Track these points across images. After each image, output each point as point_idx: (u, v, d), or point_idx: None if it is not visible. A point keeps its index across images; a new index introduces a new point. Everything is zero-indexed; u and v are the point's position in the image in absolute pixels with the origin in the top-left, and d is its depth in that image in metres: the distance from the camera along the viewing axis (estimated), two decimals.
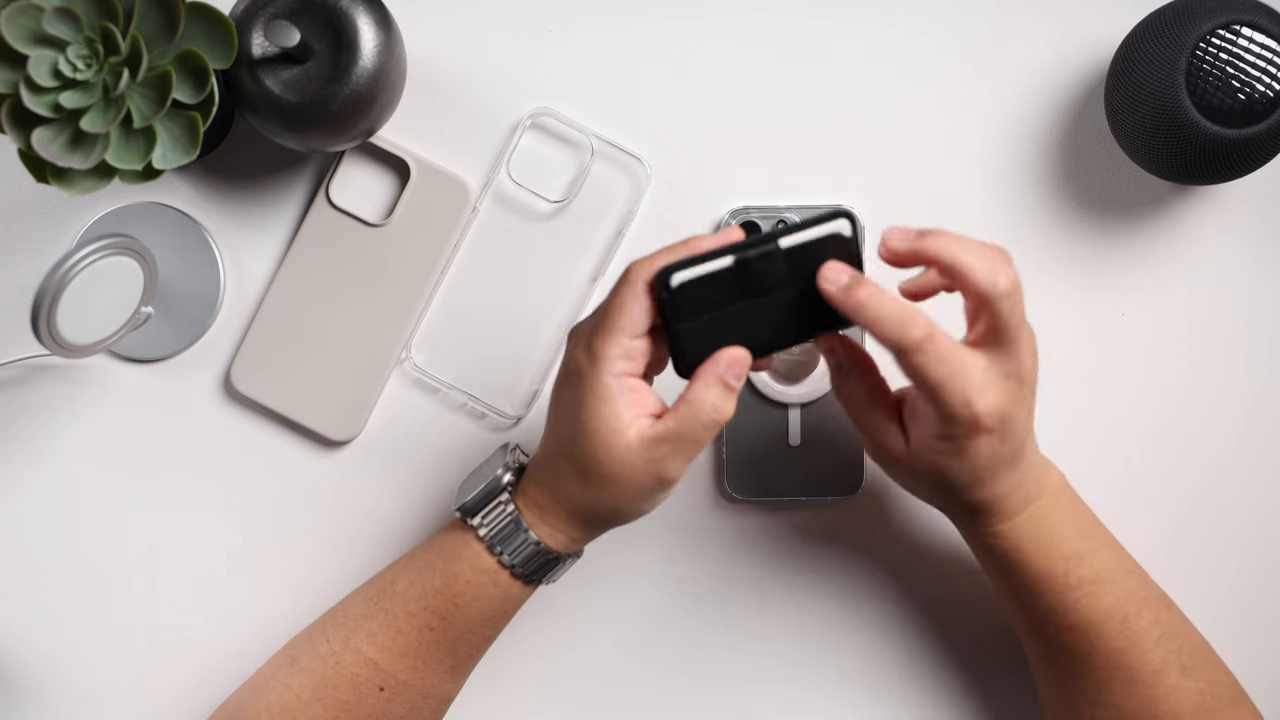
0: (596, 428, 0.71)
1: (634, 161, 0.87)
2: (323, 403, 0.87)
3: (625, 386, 0.71)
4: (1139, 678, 0.75)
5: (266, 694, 0.78)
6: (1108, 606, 0.75)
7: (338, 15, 0.79)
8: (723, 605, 0.88)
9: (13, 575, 0.88)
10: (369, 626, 0.77)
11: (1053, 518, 0.75)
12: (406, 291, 0.87)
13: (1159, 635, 0.75)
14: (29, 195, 0.87)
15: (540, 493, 0.75)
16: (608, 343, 0.70)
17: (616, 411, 0.70)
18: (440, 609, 0.76)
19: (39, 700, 0.88)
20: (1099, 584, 0.75)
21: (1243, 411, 0.87)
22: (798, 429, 0.86)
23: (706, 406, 0.70)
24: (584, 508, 0.74)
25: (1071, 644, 0.75)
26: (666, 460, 0.71)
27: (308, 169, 0.88)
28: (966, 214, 0.87)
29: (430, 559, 0.77)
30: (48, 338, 0.77)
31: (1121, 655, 0.75)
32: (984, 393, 0.69)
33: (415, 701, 0.78)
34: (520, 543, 0.75)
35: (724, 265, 0.70)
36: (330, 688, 0.77)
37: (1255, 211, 0.87)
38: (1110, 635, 0.75)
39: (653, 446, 0.70)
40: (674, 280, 0.69)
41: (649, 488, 0.72)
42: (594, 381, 0.70)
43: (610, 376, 0.70)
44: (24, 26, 0.71)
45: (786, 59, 0.87)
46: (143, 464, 0.88)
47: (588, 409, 0.71)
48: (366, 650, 0.77)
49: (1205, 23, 0.78)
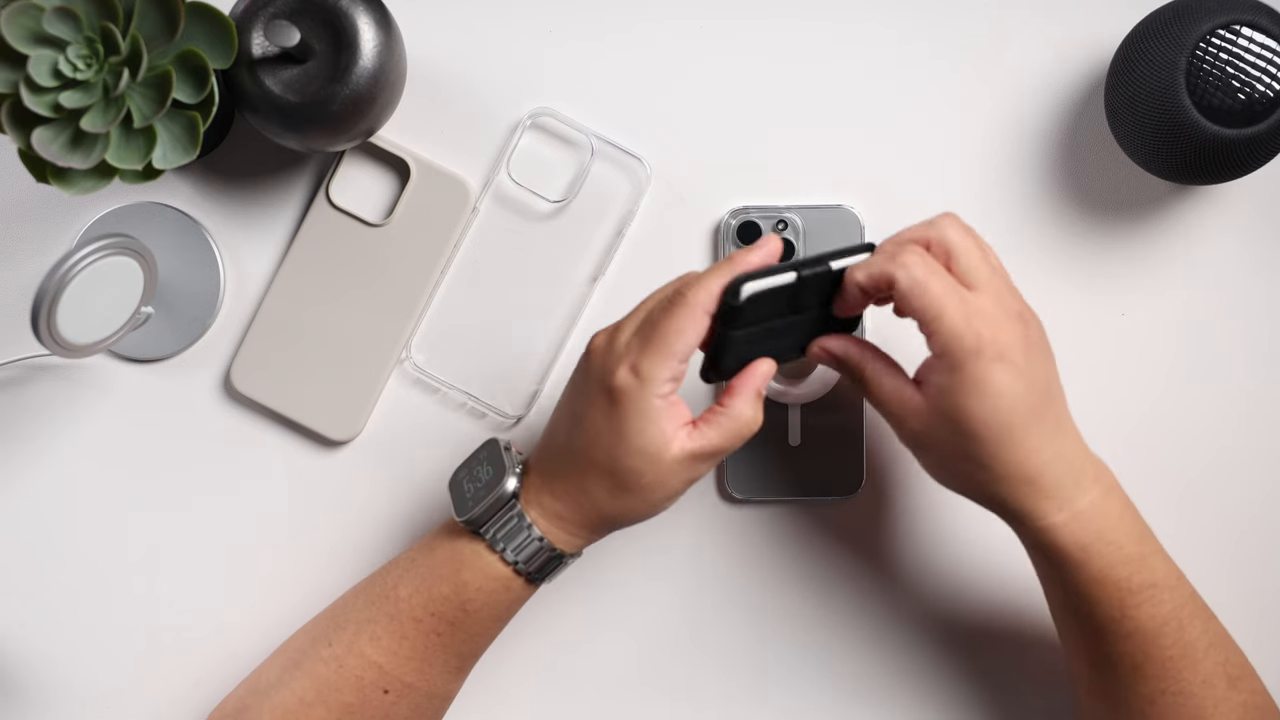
0: (643, 446, 0.71)
1: (634, 161, 0.87)
2: (323, 403, 0.87)
3: (669, 405, 0.72)
4: (1189, 688, 0.74)
5: (269, 696, 0.78)
6: (1165, 614, 0.73)
7: (338, 15, 0.79)
8: (722, 605, 0.88)
9: (13, 575, 0.88)
10: (372, 630, 0.77)
11: (1111, 515, 0.73)
12: (406, 291, 0.87)
13: (1208, 645, 0.75)
14: (29, 195, 0.87)
15: (556, 501, 0.75)
16: (659, 365, 0.71)
17: (662, 429, 0.71)
18: (449, 615, 0.76)
19: (39, 700, 0.88)
20: (1157, 590, 0.73)
21: (1242, 411, 0.87)
22: (798, 429, 0.86)
23: (746, 419, 0.73)
24: (611, 516, 0.75)
25: (1128, 653, 0.74)
26: (699, 465, 0.73)
27: (308, 169, 0.88)
28: (967, 214, 0.87)
29: (436, 566, 0.77)
30: (48, 338, 0.77)
31: (1174, 664, 0.74)
32: (983, 317, 0.70)
33: (420, 702, 0.78)
34: (535, 551, 0.75)
35: (788, 280, 0.71)
36: (334, 690, 0.77)
37: (1255, 211, 0.87)
38: (1166, 644, 0.73)
39: (696, 460, 0.72)
40: (745, 291, 0.70)
41: (678, 491, 0.74)
42: (642, 404, 0.71)
43: (658, 398, 0.71)
44: (24, 26, 0.71)
45: (786, 59, 0.87)
46: (143, 464, 0.88)
47: (634, 428, 0.71)
48: (371, 654, 0.77)
49: (1205, 23, 0.78)
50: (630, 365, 0.71)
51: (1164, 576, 0.74)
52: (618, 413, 0.72)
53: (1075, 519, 0.72)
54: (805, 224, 0.86)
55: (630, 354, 0.72)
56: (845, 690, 0.88)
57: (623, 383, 0.71)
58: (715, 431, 0.72)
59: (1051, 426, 0.72)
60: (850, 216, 0.86)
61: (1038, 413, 0.71)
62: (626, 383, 0.71)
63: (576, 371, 0.76)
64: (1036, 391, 0.71)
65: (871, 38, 0.87)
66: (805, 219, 0.86)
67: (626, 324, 0.74)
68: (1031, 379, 0.71)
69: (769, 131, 0.87)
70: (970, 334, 0.70)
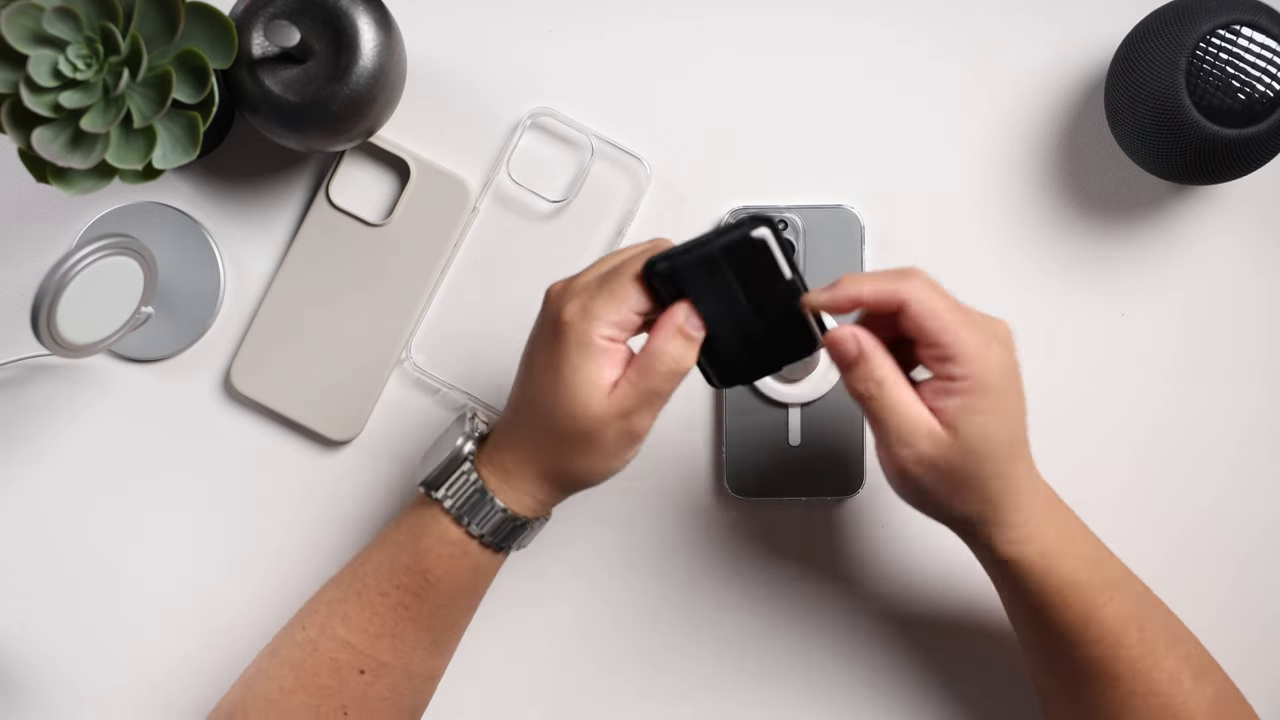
0: (577, 383, 0.71)
1: (634, 161, 0.87)
2: (323, 403, 0.87)
3: (611, 348, 0.71)
4: (1157, 688, 0.74)
5: (253, 688, 0.79)
6: (1126, 613, 0.74)
7: (338, 15, 0.79)
8: (722, 604, 0.88)
9: (13, 575, 0.88)
10: (343, 610, 0.77)
11: (1059, 519, 0.74)
12: (406, 291, 0.87)
13: (1169, 641, 0.75)
14: (29, 195, 0.87)
15: (507, 457, 0.75)
16: (608, 306, 0.70)
17: (599, 367, 0.71)
18: (412, 585, 0.76)
19: (39, 700, 0.88)
20: (1117, 589, 0.74)
21: (1242, 411, 0.87)
22: (798, 429, 0.87)
23: (666, 357, 0.71)
24: (554, 468, 0.74)
25: (1095, 657, 0.74)
26: (633, 414, 0.71)
27: (308, 169, 0.88)
28: (966, 214, 0.87)
29: (398, 537, 0.77)
30: (48, 338, 0.77)
31: (1140, 664, 0.74)
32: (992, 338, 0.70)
33: (398, 681, 0.78)
34: (487, 511, 0.75)
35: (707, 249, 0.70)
36: (311, 674, 0.77)
37: (1255, 211, 0.87)
38: (1130, 644, 0.74)
39: (620, 401, 0.71)
40: (659, 265, 0.70)
41: (618, 443, 0.72)
42: (584, 339, 0.70)
43: (600, 337, 0.71)
44: (24, 26, 0.71)
45: (786, 59, 0.87)
46: (143, 464, 0.88)
47: (571, 363, 0.71)
48: (342, 634, 0.77)
49: (1205, 23, 0.78)
50: (581, 303, 0.71)
51: (1119, 575, 0.75)
52: (559, 346, 0.71)
53: (1037, 526, 0.73)
54: (805, 224, 0.86)
55: (584, 294, 0.72)
56: (845, 690, 0.88)
57: (569, 316, 0.71)
58: (634, 370, 0.71)
59: (1023, 452, 0.73)
60: (850, 216, 0.86)
61: (1025, 431, 0.72)
62: (572, 316, 0.71)
63: (535, 323, 0.76)
64: (1024, 410, 0.72)
65: (872, 37, 0.87)
66: (805, 219, 0.86)
67: (586, 272, 0.74)
68: (1023, 398, 0.72)
69: (769, 131, 0.87)
70: (991, 355, 0.69)
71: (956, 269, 0.78)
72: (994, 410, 0.70)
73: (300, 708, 0.77)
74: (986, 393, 0.69)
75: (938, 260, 0.73)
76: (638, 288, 0.71)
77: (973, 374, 0.69)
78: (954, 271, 0.77)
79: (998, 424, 0.70)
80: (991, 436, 0.70)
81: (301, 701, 0.77)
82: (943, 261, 0.75)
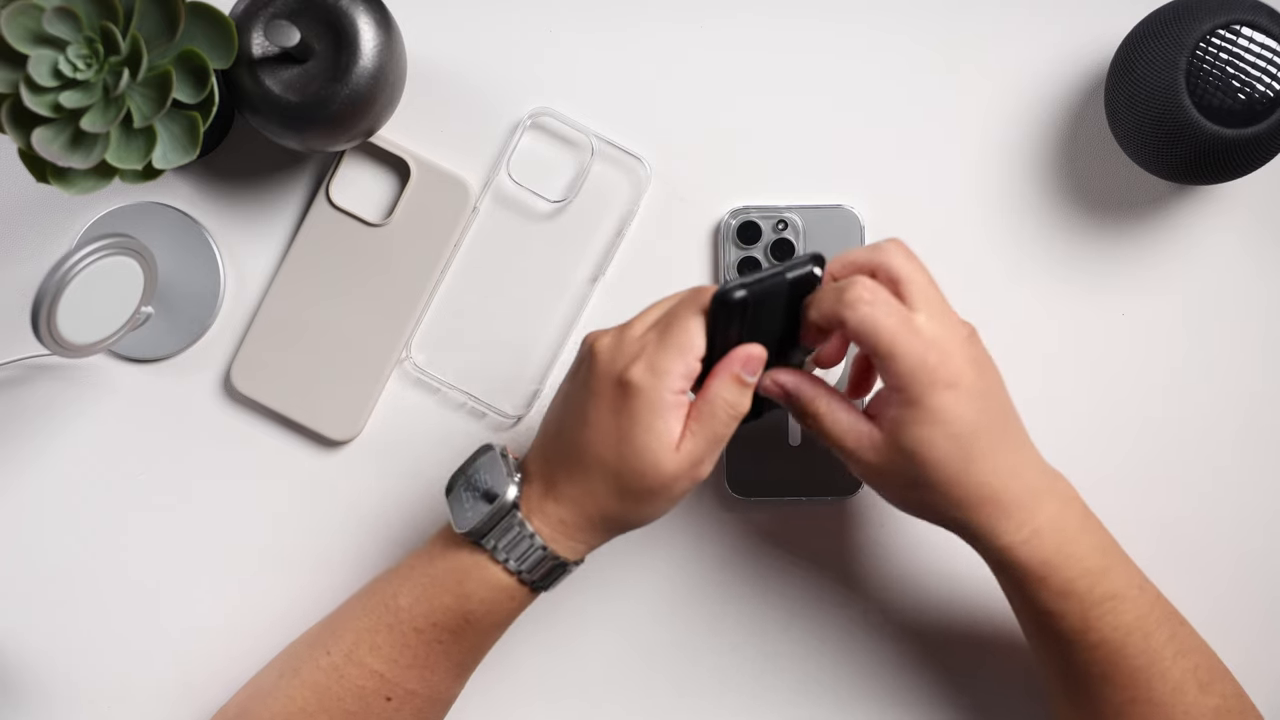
0: (649, 443, 0.71)
1: (634, 161, 0.87)
2: (323, 403, 0.87)
3: (680, 402, 0.71)
4: (1158, 696, 0.74)
5: (269, 704, 0.78)
6: (1129, 623, 0.74)
7: (338, 15, 0.79)
8: (722, 605, 0.88)
9: (13, 575, 0.88)
10: (372, 640, 0.77)
11: (1070, 528, 0.74)
12: (406, 291, 0.87)
13: (1175, 651, 0.75)
14: (29, 195, 0.87)
15: (565, 511, 0.74)
16: (675, 359, 0.71)
17: (671, 426, 0.71)
18: (451, 625, 0.76)
19: (39, 700, 0.88)
20: (1120, 600, 0.74)
21: (1243, 411, 0.87)
22: (798, 429, 0.86)
23: (721, 403, 0.72)
24: (616, 518, 0.74)
25: (1095, 664, 0.74)
26: (699, 465, 0.72)
27: (308, 169, 0.88)
28: (966, 214, 0.87)
29: (438, 577, 0.76)
30: (48, 338, 0.77)
31: (1142, 673, 0.74)
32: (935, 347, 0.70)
33: (422, 707, 0.78)
34: (539, 560, 0.75)
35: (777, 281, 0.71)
36: (335, 699, 0.77)
37: (1255, 211, 0.87)
38: (1132, 653, 0.74)
39: (689, 454, 0.72)
40: (736, 294, 0.71)
41: (685, 492, 0.73)
42: (655, 398, 0.71)
43: (670, 394, 0.71)
44: (24, 26, 0.71)
45: (787, 59, 0.87)
46: (143, 464, 0.88)
47: (643, 423, 0.71)
48: (371, 663, 0.77)
49: (1205, 23, 0.78)
50: (646, 361, 0.71)
51: (1125, 586, 0.74)
52: (629, 407, 0.71)
53: (1035, 535, 0.73)
54: (805, 224, 0.86)
55: (646, 350, 0.71)
56: (845, 690, 0.88)
57: (637, 377, 0.71)
58: (694, 419, 0.72)
59: (1009, 444, 0.73)
60: (850, 216, 0.86)
61: (994, 433, 0.72)
62: (641, 377, 0.71)
63: (576, 373, 0.75)
64: (991, 411, 0.72)
65: (872, 37, 0.87)
66: (805, 219, 0.86)
67: (635, 323, 0.74)
68: (986, 400, 0.71)
69: (769, 131, 0.87)
70: (924, 367, 0.70)
71: (956, 269, 0.78)
72: (935, 420, 0.70)
73: None
74: (920, 403, 0.70)
75: (938, 260, 0.73)
76: (700, 333, 0.71)
77: (905, 385, 0.70)
78: (954, 271, 0.77)
79: (944, 432, 0.70)
80: (935, 444, 0.70)
81: None
82: (943, 261, 0.75)
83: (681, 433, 0.72)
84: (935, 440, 0.70)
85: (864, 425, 0.73)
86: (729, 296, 0.70)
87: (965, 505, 0.72)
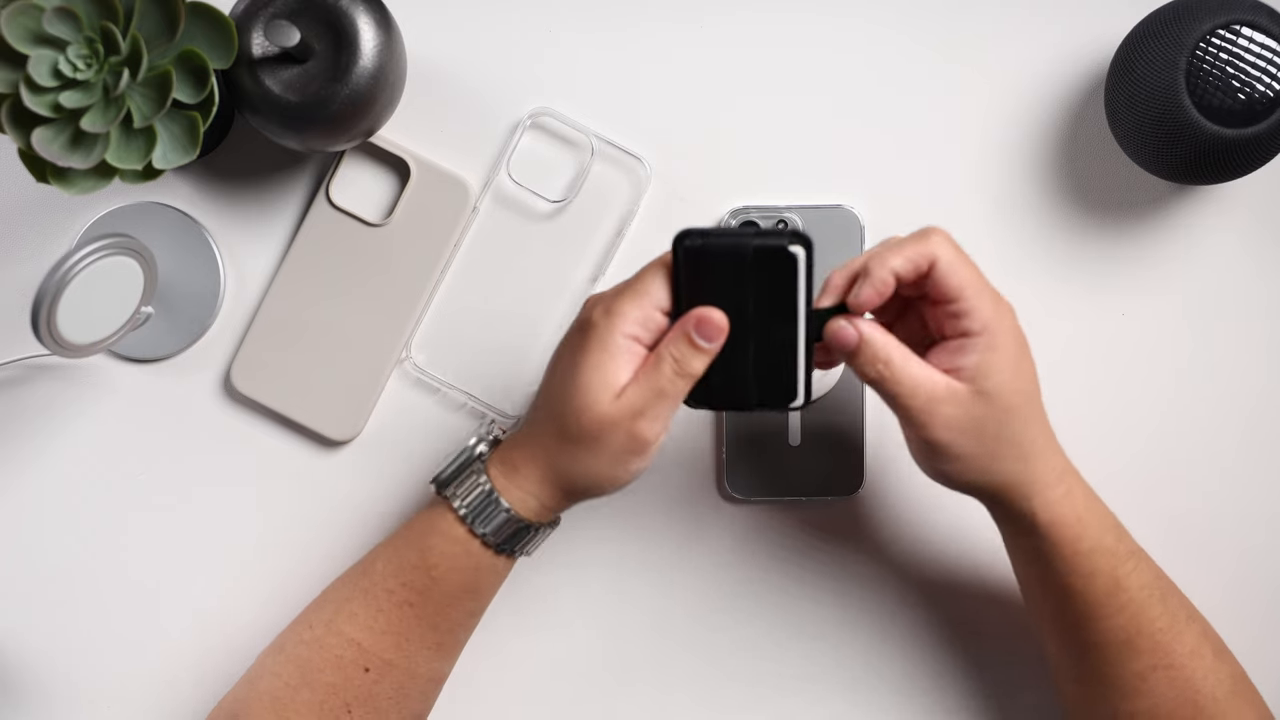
0: (591, 380, 0.71)
1: (634, 161, 0.87)
2: (323, 403, 0.87)
3: (632, 348, 0.71)
4: (1178, 660, 0.74)
5: (258, 685, 0.79)
6: (1149, 582, 0.74)
7: (338, 15, 0.79)
8: (722, 605, 0.88)
9: (13, 575, 0.88)
10: (350, 608, 0.78)
11: (1082, 483, 0.75)
12: (406, 291, 0.87)
13: (1187, 616, 0.75)
14: (29, 195, 0.87)
15: (515, 454, 0.75)
16: (630, 303, 0.71)
17: (616, 366, 0.71)
18: (417, 584, 0.76)
19: (39, 700, 0.88)
20: (1139, 557, 0.75)
21: (1243, 411, 0.87)
22: (798, 429, 0.87)
23: (668, 357, 0.71)
24: (559, 470, 0.74)
25: (1120, 627, 0.74)
26: (639, 418, 0.71)
27: (308, 169, 0.88)
28: (966, 214, 0.87)
29: (408, 536, 0.78)
30: (48, 338, 0.77)
31: (1164, 635, 0.74)
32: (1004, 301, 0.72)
33: (402, 681, 0.78)
34: (491, 511, 0.75)
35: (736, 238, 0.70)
36: (316, 671, 0.77)
37: (1255, 211, 0.87)
38: (1154, 615, 0.74)
39: (628, 400, 0.70)
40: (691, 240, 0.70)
41: (624, 448, 0.71)
42: (606, 337, 0.71)
43: (621, 335, 0.71)
44: (24, 26, 0.71)
45: (786, 59, 0.87)
46: (142, 464, 0.88)
47: (590, 360, 0.71)
48: (349, 631, 0.77)
49: (1205, 23, 0.78)
50: (605, 303, 0.72)
51: (1137, 546, 0.76)
52: (583, 345, 0.71)
53: (1069, 492, 0.74)
54: (805, 224, 0.86)
55: (610, 295, 0.72)
56: (845, 690, 0.88)
57: (594, 316, 0.72)
58: (641, 371, 0.71)
59: (1041, 417, 0.74)
60: (850, 216, 0.86)
61: (1037, 404, 0.73)
62: (597, 315, 0.71)
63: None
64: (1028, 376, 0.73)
65: (872, 37, 0.87)
66: (805, 219, 0.86)
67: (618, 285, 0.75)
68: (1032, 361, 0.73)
69: (769, 131, 0.87)
70: (999, 315, 0.71)
71: None
72: (1013, 367, 0.71)
73: (305, 704, 0.77)
74: (1005, 348, 0.70)
75: None
76: (660, 283, 0.71)
77: (989, 329, 0.70)
78: None
79: (1018, 379, 0.71)
80: (1016, 390, 0.71)
81: (306, 698, 0.77)
82: None
83: (629, 383, 0.71)
84: (1017, 386, 0.71)
85: (940, 376, 0.70)
86: (685, 239, 0.70)
87: (1028, 457, 0.72)
